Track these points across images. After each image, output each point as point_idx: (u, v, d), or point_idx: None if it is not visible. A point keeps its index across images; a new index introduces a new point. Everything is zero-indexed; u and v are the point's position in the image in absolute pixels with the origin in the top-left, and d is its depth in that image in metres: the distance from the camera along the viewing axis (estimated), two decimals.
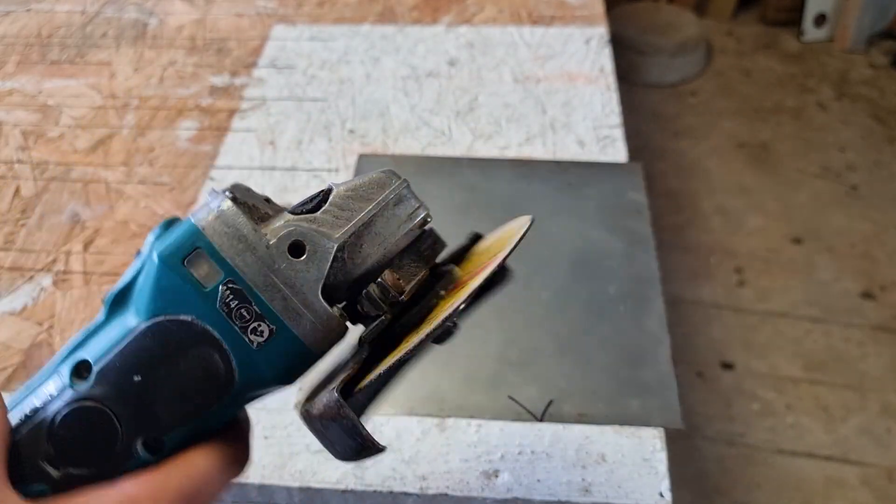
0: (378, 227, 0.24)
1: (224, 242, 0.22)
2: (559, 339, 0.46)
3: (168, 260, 0.22)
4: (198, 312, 0.22)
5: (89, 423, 0.22)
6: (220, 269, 0.22)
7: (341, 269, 0.24)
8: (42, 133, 0.65)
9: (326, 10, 0.79)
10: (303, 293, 0.23)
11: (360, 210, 0.24)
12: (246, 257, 0.23)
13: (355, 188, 0.25)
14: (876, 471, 1.07)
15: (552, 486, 0.38)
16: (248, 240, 0.23)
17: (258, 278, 0.23)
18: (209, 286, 0.22)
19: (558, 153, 0.60)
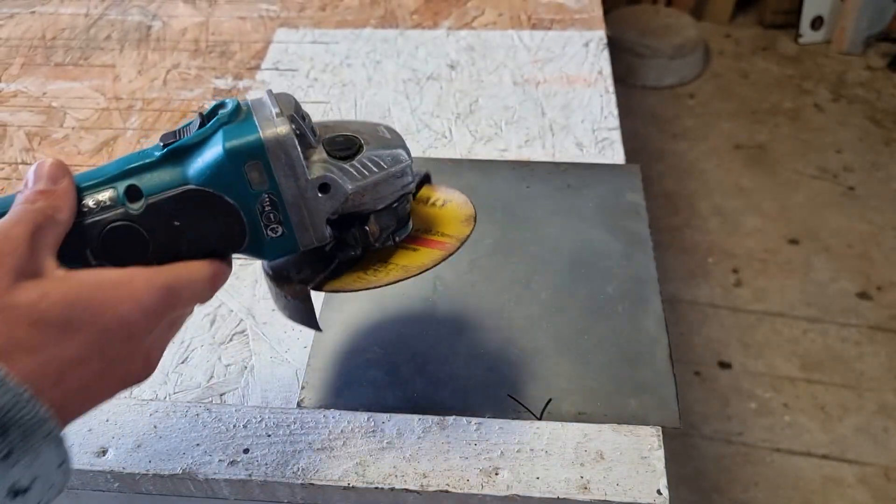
0: (381, 189, 0.32)
1: (278, 165, 0.29)
2: (558, 339, 0.46)
3: (233, 158, 0.28)
4: (240, 202, 0.29)
5: (131, 240, 0.29)
6: (267, 182, 0.29)
7: (344, 207, 0.31)
8: (46, 135, 0.66)
9: (329, 14, 0.80)
10: (315, 218, 0.31)
11: (375, 174, 0.31)
12: (289, 181, 0.29)
13: (379, 157, 0.32)
14: (873, 469, 1.08)
15: (551, 483, 0.39)
16: (296, 170, 0.29)
17: (291, 198, 0.30)
18: (256, 190, 0.29)
19: (557, 155, 0.61)
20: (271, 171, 0.29)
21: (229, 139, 0.28)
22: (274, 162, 0.29)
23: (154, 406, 0.44)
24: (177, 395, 0.44)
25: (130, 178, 0.29)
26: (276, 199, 0.29)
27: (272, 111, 0.29)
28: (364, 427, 0.42)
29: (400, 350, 0.46)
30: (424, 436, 0.41)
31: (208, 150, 0.29)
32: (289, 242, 0.31)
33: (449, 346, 0.46)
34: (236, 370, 0.46)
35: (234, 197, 0.29)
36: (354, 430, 0.42)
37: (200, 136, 0.29)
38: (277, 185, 0.29)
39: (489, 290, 0.49)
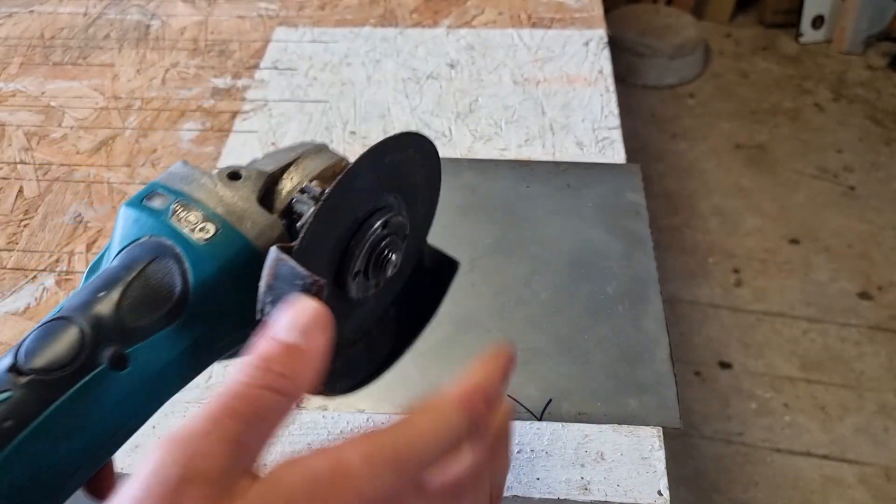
0: (304, 164, 0.29)
1: (173, 181, 0.27)
2: (558, 339, 0.46)
3: (130, 203, 0.26)
4: (153, 230, 0.25)
5: (55, 334, 0.22)
6: (170, 195, 0.26)
7: (272, 189, 0.28)
8: (45, 134, 0.66)
9: (328, 13, 0.80)
10: (242, 202, 0.26)
11: (286, 156, 0.29)
12: (192, 185, 0.26)
13: (282, 148, 0.30)
14: (873, 469, 1.08)
15: (551, 484, 0.39)
16: (194, 176, 0.27)
17: (202, 194, 0.26)
18: (162, 208, 0.26)
19: (557, 154, 0.60)
20: (168, 187, 0.27)
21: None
22: (169, 181, 0.27)
23: None
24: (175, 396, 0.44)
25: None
26: (185, 200, 0.26)
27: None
28: (363, 428, 0.42)
29: None
30: None
31: (112, 237, 0.27)
32: (231, 237, 0.26)
33: (449, 346, 0.46)
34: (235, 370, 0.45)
35: (147, 230, 0.26)
36: (353, 430, 0.42)
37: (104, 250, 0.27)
38: (181, 190, 0.26)
39: (489, 290, 0.49)
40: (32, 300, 0.51)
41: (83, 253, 0.55)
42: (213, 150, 0.63)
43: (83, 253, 0.55)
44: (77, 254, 0.55)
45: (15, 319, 0.50)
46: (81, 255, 0.55)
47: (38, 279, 0.53)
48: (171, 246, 0.25)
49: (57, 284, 0.52)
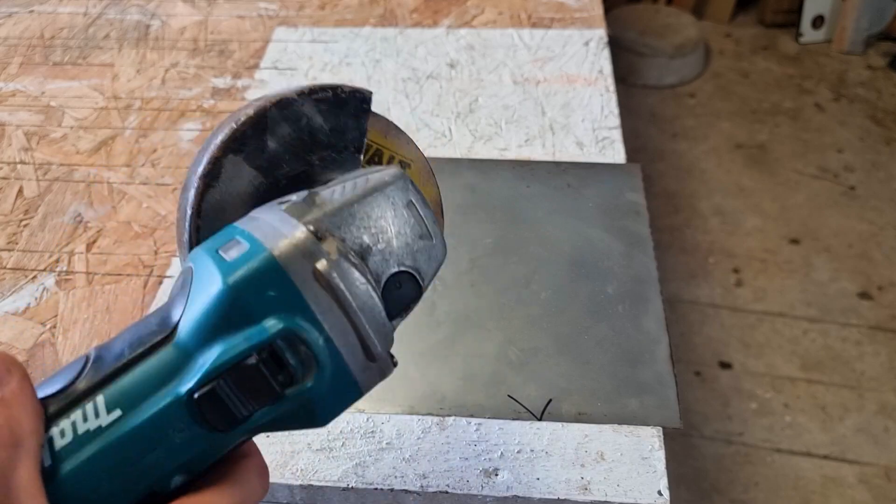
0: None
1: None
2: (558, 339, 0.46)
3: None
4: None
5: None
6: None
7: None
8: (45, 134, 0.66)
9: (328, 13, 0.80)
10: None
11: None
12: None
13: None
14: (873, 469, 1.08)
15: (551, 484, 0.39)
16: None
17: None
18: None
19: (557, 154, 0.60)
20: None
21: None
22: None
23: None
24: None
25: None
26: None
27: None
28: (363, 428, 0.42)
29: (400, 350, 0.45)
30: (424, 436, 0.41)
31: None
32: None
33: (449, 346, 0.46)
34: None
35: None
36: (354, 430, 0.42)
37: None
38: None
39: (489, 290, 0.49)
40: (32, 300, 0.51)
41: (83, 253, 0.55)
42: None
43: (83, 253, 0.55)
44: (77, 254, 0.55)
45: (15, 320, 0.50)
46: (81, 256, 0.55)
47: (38, 279, 0.53)
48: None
49: (57, 285, 0.52)
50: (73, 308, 0.51)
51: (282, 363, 0.21)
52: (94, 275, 0.53)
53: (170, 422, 0.20)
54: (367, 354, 0.22)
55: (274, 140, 0.25)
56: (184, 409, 0.20)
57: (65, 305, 0.51)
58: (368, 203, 0.23)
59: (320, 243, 0.21)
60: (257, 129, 0.25)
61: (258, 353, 0.20)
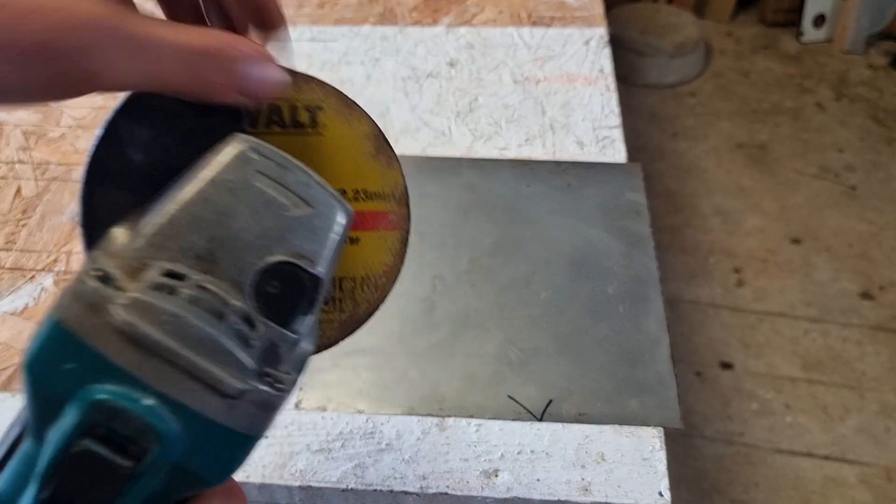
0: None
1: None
2: (558, 339, 0.46)
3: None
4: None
5: None
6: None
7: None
8: (43, 133, 0.65)
9: (327, 12, 0.80)
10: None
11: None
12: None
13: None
14: (874, 470, 1.08)
15: (552, 485, 0.39)
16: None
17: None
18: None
19: (558, 154, 0.60)
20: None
21: None
22: None
23: None
24: None
25: None
26: None
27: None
28: (363, 428, 0.41)
29: (399, 350, 0.45)
30: (424, 437, 0.41)
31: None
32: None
33: (449, 346, 0.46)
34: None
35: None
36: (353, 431, 0.41)
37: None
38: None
39: (489, 290, 0.49)
40: (31, 300, 0.51)
41: (81, 253, 0.55)
42: None
43: (81, 253, 0.55)
44: (75, 254, 0.54)
45: (13, 320, 0.50)
46: (80, 255, 0.54)
47: (37, 279, 0.53)
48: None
49: (55, 285, 0.52)
50: None
51: (119, 437, 0.17)
52: None
53: None
54: (220, 393, 0.18)
55: (137, 150, 0.21)
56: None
57: None
58: (196, 199, 0.18)
59: (111, 286, 0.18)
60: (111, 147, 0.21)
61: (86, 434, 0.17)
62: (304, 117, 0.23)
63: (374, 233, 0.24)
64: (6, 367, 0.47)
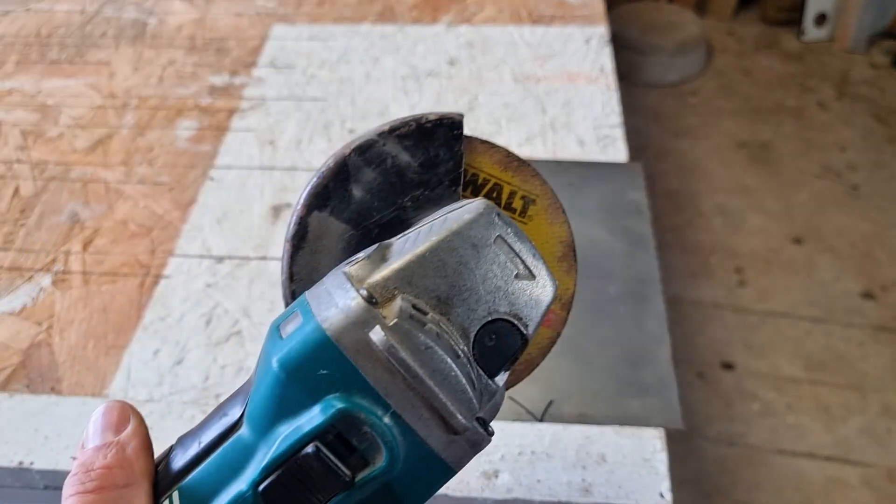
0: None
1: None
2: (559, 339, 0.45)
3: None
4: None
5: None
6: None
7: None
8: (41, 133, 0.65)
9: (326, 10, 0.79)
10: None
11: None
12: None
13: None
14: (877, 471, 1.07)
15: (552, 486, 0.38)
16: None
17: None
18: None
19: (558, 153, 0.60)
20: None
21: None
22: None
23: (150, 408, 0.43)
24: (172, 397, 0.44)
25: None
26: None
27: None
28: None
29: None
30: None
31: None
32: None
33: None
34: (232, 371, 0.45)
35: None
36: None
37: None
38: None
39: None
40: (29, 300, 0.51)
41: (80, 252, 0.54)
42: (211, 148, 0.62)
43: (80, 252, 0.54)
44: (73, 253, 0.54)
45: (11, 320, 0.50)
46: (78, 255, 0.54)
47: (35, 279, 0.52)
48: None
49: (53, 285, 0.52)
50: (69, 308, 0.50)
51: (349, 447, 0.19)
52: (91, 274, 0.52)
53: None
54: (447, 427, 0.19)
55: (359, 188, 0.23)
56: (255, 502, 0.19)
57: (61, 305, 0.50)
58: (444, 247, 0.20)
59: (377, 308, 0.19)
60: (339, 180, 0.23)
61: (319, 438, 0.19)
62: (517, 204, 0.26)
63: None
64: (5, 368, 0.47)
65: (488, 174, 0.25)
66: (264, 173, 0.60)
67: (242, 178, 0.59)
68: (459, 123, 0.24)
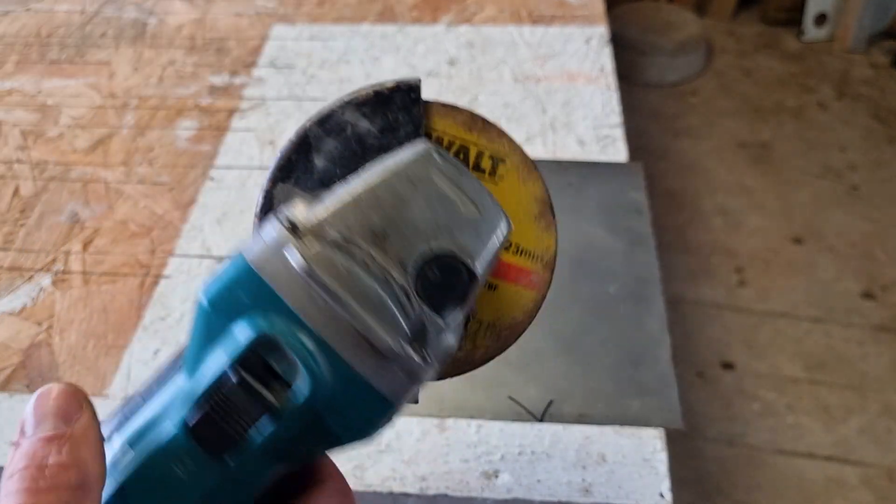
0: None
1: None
2: (559, 339, 0.45)
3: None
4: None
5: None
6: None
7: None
8: (41, 133, 0.65)
9: (326, 10, 0.79)
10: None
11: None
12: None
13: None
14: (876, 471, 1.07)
15: (552, 486, 0.38)
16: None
17: None
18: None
19: (558, 153, 0.60)
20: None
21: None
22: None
23: None
24: None
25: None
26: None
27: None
28: None
29: None
30: (423, 438, 0.41)
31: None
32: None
33: None
34: None
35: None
36: None
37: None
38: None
39: None
40: (29, 300, 0.51)
41: (80, 252, 0.54)
42: (211, 148, 0.62)
43: (80, 252, 0.54)
44: (73, 253, 0.54)
45: (11, 320, 0.50)
46: (78, 255, 0.54)
47: (35, 279, 0.52)
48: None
49: (53, 284, 0.52)
50: (69, 308, 0.50)
51: (272, 373, 0.19)
52: (91, 274, 0.52)
53: (174, 455, 0.19)
54: (374, 350, 0.19)
55: (321, 158, 0.23)
56: (186, 441, 0.19)
57: (61, 305, 0.50)
58: (379, 183, 0.20)
59: (300, 237, 0.19)
60: (301, 152, 0.24)
61: (242, 364, 0.18)
62: (486, 164, 0.25)
63: (513, 286, 0.26)
64: (5, 368, 0.47)
65: (453, 136, 0.25)
66: (264, 173, 0.59)
67: (242, 178, 0.59)
68: (417, 87, 0.24)
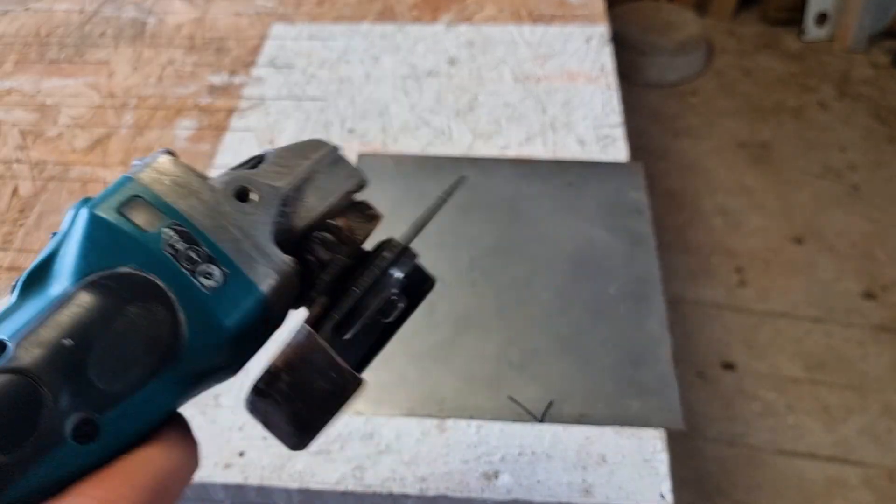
0: (319, 181, 0.24)
1: (165, 189, 0.21)
2: (559, 340, 0.45)
3: (101, 209, 0.20)
4: (139, 260, 0.19)
5: (7, 396, 0.17)
6: (162, 214, 0.20)
7: (287, 222, 0.22)
8: (40, 132, 0.65)
9: (326, 9, 0.79)
10: (254, 237, 0.21)
11: (299, 165, 0.24)
12: (190, 200, 0.21)
13: (290, 149, 0.25)
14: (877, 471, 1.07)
15: (552, 487, 0.38)
16: (192, 186, 0.21)
17: (206, 220, 0.20)
18: (151, 230, 0.20)
19: (559, 152, 0.60)
20: (160, 198, 0.20)
21: (90, 202, 0.20)
22: (158, 187, 0.20)
23: None
24: None
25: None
26: (184, 225, 0.20)
27: (143, 159, 0.22)
28: (362, 430, 0.41)
29: (398, 351, 0.45)
30: (423, 439, 0.41)
31: (68, 240, 0.20)
32: (241, 287, 0.20)
33: (448, 347, 0.45)
34: None
35: (129, 259, 0.19)
36: (352, 433, 0.41)
37: (55, 243, 0.20)
38: (176, 209, 0.20)
39: (489, 290, 0.48)
40: None
41: None
42: (210, 148, 0.62)
43: None
44: None
45: None
46: None
47: None
48: (164, 290, 0.19)
49: None
50: None
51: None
52: None
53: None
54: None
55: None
56: None
57: None
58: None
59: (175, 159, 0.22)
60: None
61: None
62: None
63: None
64: None
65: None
66: None
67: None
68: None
